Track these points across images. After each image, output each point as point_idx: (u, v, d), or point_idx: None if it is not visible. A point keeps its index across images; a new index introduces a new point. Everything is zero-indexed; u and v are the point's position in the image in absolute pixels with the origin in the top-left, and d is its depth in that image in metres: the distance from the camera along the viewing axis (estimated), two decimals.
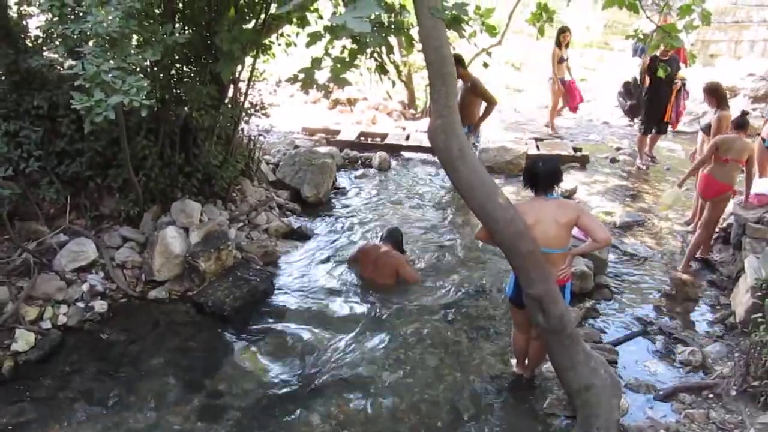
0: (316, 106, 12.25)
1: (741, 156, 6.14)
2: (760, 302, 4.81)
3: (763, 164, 7.48)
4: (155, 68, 5.55)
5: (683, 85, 9.11)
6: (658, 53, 8.49)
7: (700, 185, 6.42)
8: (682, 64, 9.27)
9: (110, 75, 3.89)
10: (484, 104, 7.67)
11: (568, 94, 10.74)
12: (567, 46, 10.57)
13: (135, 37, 4.84)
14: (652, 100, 8.98)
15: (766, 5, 14.34)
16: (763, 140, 7.42)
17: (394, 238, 6.16)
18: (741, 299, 5.45)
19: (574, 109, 11.10)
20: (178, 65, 5.97)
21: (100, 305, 5.36)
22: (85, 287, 5.42)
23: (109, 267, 5.64)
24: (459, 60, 7.30)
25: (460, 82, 7.30)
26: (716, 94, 7.01)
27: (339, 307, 5.66)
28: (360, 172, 9.14)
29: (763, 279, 4.91)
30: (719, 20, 14.28)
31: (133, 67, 4.31)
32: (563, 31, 10.39)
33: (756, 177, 6.52)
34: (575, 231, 4.26)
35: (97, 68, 3.90)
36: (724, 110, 6.97)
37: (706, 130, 7.10)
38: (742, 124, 6.32)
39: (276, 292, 5.86)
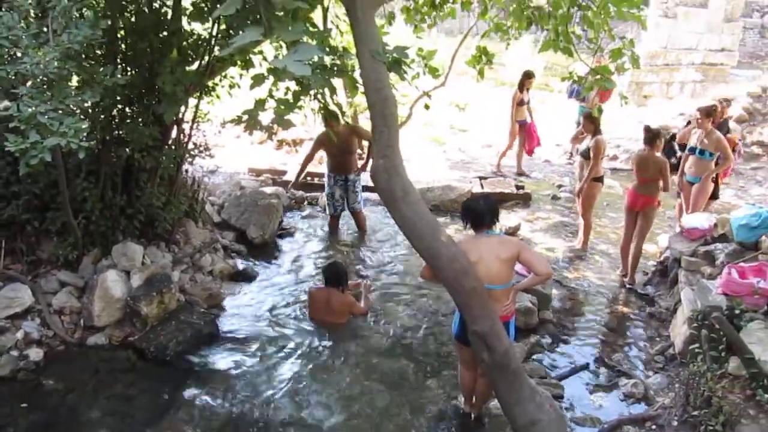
0: (262, 147, 12.21)
1: (654, 175, 6.72)
2: (696, 333, 4.96)
3: (686, 198, 7.83)
4: (96, 109, 5.46)
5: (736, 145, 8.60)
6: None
7: (628, 200, 7.04)
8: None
9: (47, 117, 3.81)
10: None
11: (526, 136, 10.98)
12: (528, 90, 10.86)
13: (75, 78, 4.78)
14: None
15: (694, 49, 15.16)
16: (684, 174, 7.79)
17: (336, 276, 6.09)
18: (679, 331, 5.61)
19: (530, 152, 11.30)
20: (119, 106, 5.89)
21: (35, 353, 5.14)
22: (19, 335, 5.19)
23: (46, 313, 5.44)
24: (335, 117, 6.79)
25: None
26: (594, 122, 7.46)
27: (285, 348, 5.58)
28: (307, 212, 9.12)
29: (699, 310, 5.06)
30: (651, 63, 15.00)
31: (73, 108, 4.24)
32: (529, 76, 10.62)
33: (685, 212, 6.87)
34: (518, 267, 4.34)
35: (34, 110, 3.82)
36: (599, 135, 7.46)
37: (585, 154, 7.49)
38: (650, 139, 6.83)
39: (221, 335, 5.74)
